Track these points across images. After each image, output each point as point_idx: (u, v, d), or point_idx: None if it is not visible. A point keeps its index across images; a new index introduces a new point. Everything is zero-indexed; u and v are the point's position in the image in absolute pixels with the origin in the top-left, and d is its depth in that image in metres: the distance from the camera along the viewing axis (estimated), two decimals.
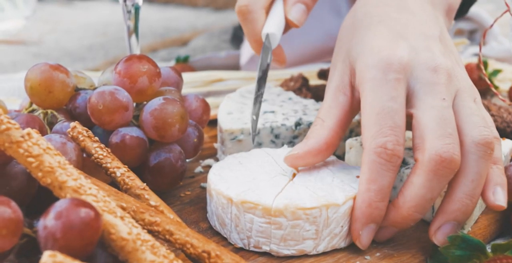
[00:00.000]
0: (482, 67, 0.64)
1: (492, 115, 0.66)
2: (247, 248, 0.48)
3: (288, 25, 0.61)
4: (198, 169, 0.62)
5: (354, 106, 0.52)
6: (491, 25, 0.63)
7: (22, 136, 0.39)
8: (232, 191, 0.47)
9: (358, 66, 0.50)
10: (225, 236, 0.49)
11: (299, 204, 0.45)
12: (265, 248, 0.47)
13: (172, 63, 0.99)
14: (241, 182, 0.49)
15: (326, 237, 0.47)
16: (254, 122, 0.54)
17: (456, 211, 0.46)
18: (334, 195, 0.47)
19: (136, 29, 0.64)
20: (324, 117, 0.51)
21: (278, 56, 0.63)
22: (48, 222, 0.36)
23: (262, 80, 0.56)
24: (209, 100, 0.78)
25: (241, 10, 0.59)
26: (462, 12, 0.84)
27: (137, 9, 0.62)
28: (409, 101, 0.49)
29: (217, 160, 0.65)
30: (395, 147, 0.46)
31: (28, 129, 0.40)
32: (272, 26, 0.58)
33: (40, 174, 0.39)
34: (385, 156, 0.45)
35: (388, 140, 0.45)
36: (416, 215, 0.47)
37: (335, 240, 0.47)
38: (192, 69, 0.95)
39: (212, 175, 0.51)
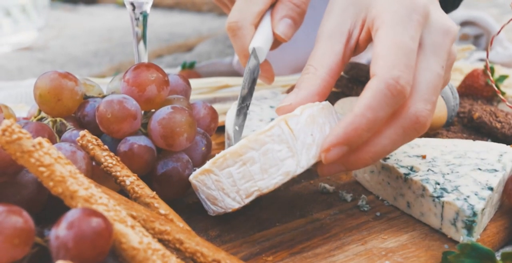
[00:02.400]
0: (489, 73, 0.64)
1: (499, 122, 0.66)
2: (242, 203, 0.48)
3: (277, 40, 0.62)
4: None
5: (346, 55, 0.51)
6: (498, 32, 0.63)
7: (33, 146, 0.39)
8: (204, 165, 0.48)
9: (377, 2, 0.49)
10: (222, 210, 0.49)
11: (258, 131, 0.46)
12: (254, 189, 0.47)
13: (178, 69, 0.99)
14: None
15: (302, 150, 0.46)
16: (237, 133, 0.54)
17: (357, 163, 0.47)
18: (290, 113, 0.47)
19: (144, 36, 0.64)
20: (316, 65, 0.50)
21: (267, 73, 0.63)
22: (60, 232, 0.36)
23: (248, 93, 0.56)
24: (216, 106, 0.79)
25: (230, 27, 0.59)
26: (453, 6, 0.84)
27: (145, 16, 0.62)
28: None
29: None
30: (405, 85, 0.45)
31: (39, 138, 0.40)
32: (259, 40, 0.58)
33: (51, 183, 0.39)
34: (394, 90, 0.44)
35: (402, 76, 0.45)
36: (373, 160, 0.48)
37: (313, 150, 0.47)
38: (198, 75, 0.95)
39: (191, 176, 0.51)
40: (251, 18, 0.59)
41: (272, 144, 0.46)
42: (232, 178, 0.47)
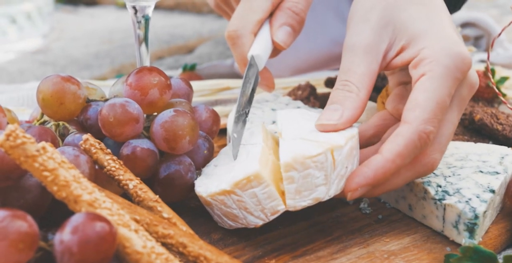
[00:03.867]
0: (490, 75, 0.64)
1: (500, 124, 0.67)
2: (267, 220, 0.48)
3: (276, 48, 0.61)
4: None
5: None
6: (500, 34, 0.63)
7: (37, 150, 0.40)
8: (221, 185, 0.48)
9: (429, 42, 0.50)
10: (243, 226, 0.50)
11: (306, 153, 0.46)
12: (281, 208, 0.47)
13: (179, 71, 0.99)
14: (223, 175, 0.50)
15: (335, 180, 0.48)
16: (235, 140, 0.53)
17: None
18: (333, 138, 0.48)
19: (146, 39, 0.64)
20: (359, 85, 0.51)
21: (267, 81, 0.63)
22: (65, 236, 0.36)
23: (247, 101, 0.56)
24: (217, 108, 0.79)
25: (230, 35, 0.60)
26: (455, 8, 0.84)
27: (147, 20, 0.63)
28: None
29: None
30: (433, 139, 0.48)
31: (43, 143, 0.40)
32: (258, 48, 0.58)
33: (55, 188, 0.39)
34: (424, 143, 0.47)
35: (432, 131, 0.48)
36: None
37: (342, 182, 0.48)
38: (199, 77, 0.95)
39: (198, 188, 0.52)
40: (250, 26, 0.59)
41: (314, 169, 0.46)
42: (256, 198, 0.47)
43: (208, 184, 0.51)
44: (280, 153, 0.47)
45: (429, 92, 0.48)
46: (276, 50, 0.62)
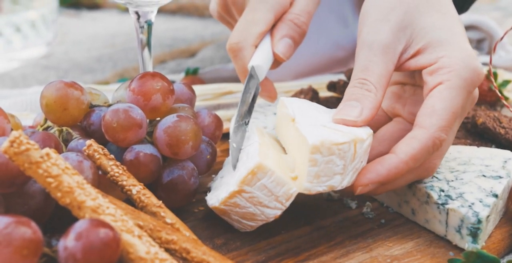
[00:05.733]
0: (493, 78, 0.64)
1: (503, 128, 0.66)
2: (284, 208, 0.49)
3: (277, 60, 0.62)
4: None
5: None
6: (502, 37, 0.63)
7: (41, 157, 0.40)
8: (230, 188, 0.49)
9: (449, 52, 0.51)
10: (263, 223, 0.50)
11: (333, 140, 0.47)
12: (293, 191, 0.48)
13: (182, 75, 0.99)
14: (229, 182, 0.51)
15: (350, 172, 0.48)
16: (235, 150, 0.53)
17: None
18: (355, 131, 0.49)
19: (148, 44, 0.65)
20: (377, 85, 0.51)
21: (268, 91, 0.63)
22: (69, 243, 0.36)
23: (247, 112, 0.56)
24: (219, 112, 0.79)
25: (231, 47, 0.60)
26: (462, 10, 0.84)
27: (149, 25, 0.63)
28: None
29: None
30: (442, 145, 0.50)
31: (47, 149, 0.40)
32: (258, 58, 0.58)
33: (59, 194, 0.40)
34: (436, 148, 0.49)
35: (445, 139, 0.49)
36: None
37: (354, 175, 0.49)
38: (202, 81, 0.95)
39: (210, 202, 0.52)
40: (252, 39, 0.59)
41: (336, 157, 0.47)
42: (266, 189, 0.48)
43: (218, 194, 0.51)
44: (306, 135, 0.47)
45: (447, 101, 0.49)
46: (276, 62, 0.62)
